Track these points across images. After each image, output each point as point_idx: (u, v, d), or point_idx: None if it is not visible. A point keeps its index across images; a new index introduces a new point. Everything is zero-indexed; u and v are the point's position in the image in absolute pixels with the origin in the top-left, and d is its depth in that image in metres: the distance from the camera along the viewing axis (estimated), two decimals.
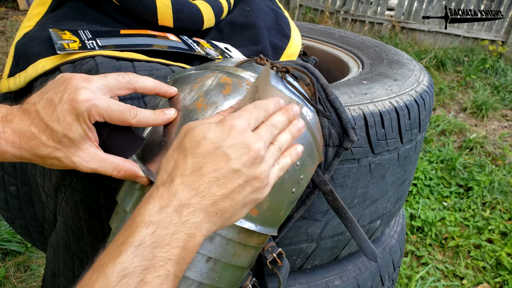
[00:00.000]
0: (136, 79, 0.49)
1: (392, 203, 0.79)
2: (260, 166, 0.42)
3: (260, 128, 0.43)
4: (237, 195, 0.41)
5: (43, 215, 0.86)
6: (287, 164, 0.47)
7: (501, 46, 4.10)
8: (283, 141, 0.46)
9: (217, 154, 0.40)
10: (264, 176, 0.42)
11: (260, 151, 0.41)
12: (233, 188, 0.40)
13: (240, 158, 0.40)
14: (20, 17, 4.49)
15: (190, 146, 0.40)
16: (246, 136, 0.41)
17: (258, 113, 0.44)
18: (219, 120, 0.42)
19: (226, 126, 0.41)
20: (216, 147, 0.40)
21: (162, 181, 0.40)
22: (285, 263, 0.56)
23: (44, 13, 0.76)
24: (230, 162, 0.40)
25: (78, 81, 0.46)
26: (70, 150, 0.46)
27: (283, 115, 0.46)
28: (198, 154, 0.40)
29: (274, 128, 0.44)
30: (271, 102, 0.45)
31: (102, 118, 0.46)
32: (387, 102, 0.67)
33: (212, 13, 0.80)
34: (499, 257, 1.74)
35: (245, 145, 0.41)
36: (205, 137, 0.40)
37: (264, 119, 0.44)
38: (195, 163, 0.40)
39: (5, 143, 0.44)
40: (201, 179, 0.39)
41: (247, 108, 0.43)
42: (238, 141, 0.41)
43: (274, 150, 0.44)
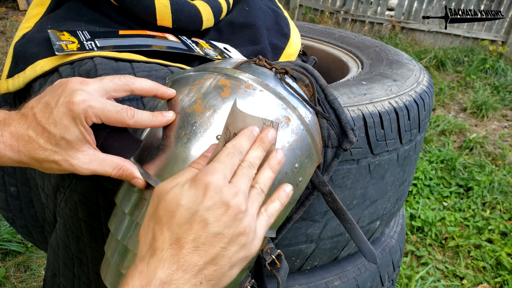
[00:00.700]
0: (133, 81, 0.49)
1: (392, 204, 0.79)
2: (242, 221, 0.39)
3: (237, 175, 0.41)
4: (221, 259, 0.39)
5: (43, 216, 0.86)
6: (276, 209, 0.45)
7: (501, 46, 4.10)
8: (265, 181, 0.44)
9: (194, 221, 0.38)
10: (248, 229, 0.40)
11: (240, 206, 0.39)
12: (216, 253, 0.38)
13: (219, 220, 0.38)
14: (20, 17, 4.49)
15: (165, 216, 0.39)
16: (223, 193, 0.39)
17: (232, 159, 0.41)
18: (192, 178, 0.40)
19: (200, 187, 0.39)
20: (192, 214, 0.38)
21: (141, 257, 0.39)
22: (284, 264, 0.56)
23: (43, 14, 0.75)
24: (209, 227, 0.38)
25: (75, 84, 0.46)
26: (68, 153, 0.46)
27: (257, 148, 0.44)
28: (174, 224, 0.38)
29: (250, 168, 0.42)
30: (244, 138, 0.43)
31: (99, 119, 0.46)
32: (387, 102, 0.67)
33: (211, 13, 0.80)
34: (499, 257, 1.74)
35: (222, 204, 0.39)
36: (178, 205, 0.38)
37: (240, 162, 0.42)
38: (172, 234, 0.38)
39: (3, 146, 0.44)
40: (181, 251, 0.37)
41: (220, 158, 0.41)
42: (214, 202, 0.38)
43: (256, 194, 0.42)
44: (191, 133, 0.47)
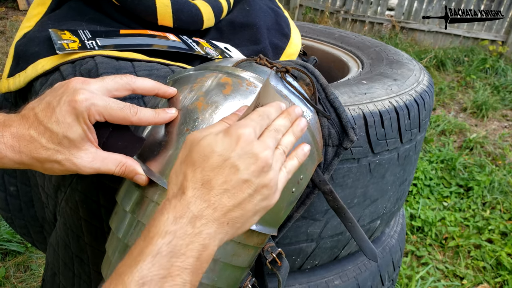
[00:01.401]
0: (134, 80, 0.49)
1: (392, 203, 0.79)
2: (268, 174, 0.42)
3: (264, 135, 0.44)
4: (247, 204, 0.41)
5: (43, 215, 0.86)
6: (294, 166, 0.47)
7: (501, 46, 4.10)
8: (287, 144, 0.47)
9: (226, 166, 0.41)
10: (273, 183, 0.43)
11: (268, 160, 0.42)
12: (243, 198, 0.41)
13: (249, 168, 0.41)
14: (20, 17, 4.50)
15: (199, 160, 0.41)
16: (253, 146, 0.42)
17: (262, 121, 0.44)
18: (225, 129, 0.43)
19: (233, 137, 0.42)
20: (224, 159, 0.41)
21: (173, 194, 0.41)
22: (284, 263, 0.56)
23: (44, 13, 0.76)
24: (239, 173, 0.41)
25: (76, 83, 0.46)
26: (71, 152, 0.45)
27: (284, 118, 0.47)
28: (207, 167, 0.41)
29: (277, 133, 0.45)
30: (273, 108, 0.46)
31: (102, 117, 0.46)
32: (387, 102, 0.67)
33: (212, 13, 0.80)
34: (499, 257, 1.74)
35: (253, 155, 0.41)
36: (213, 151, 0.41)
37: (267, 126, 0.45)
38: (204, 176, 0.41)
39: (4, 147, 0.44)
40: (212, 191, 0.40)
41: (252, 117, 0.44)
42: (245, 151, 0.41)
43: (279, 154, 0.45)
44: (193, 128, 0.47)
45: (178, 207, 0.39)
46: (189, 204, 0.39)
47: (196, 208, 0.39)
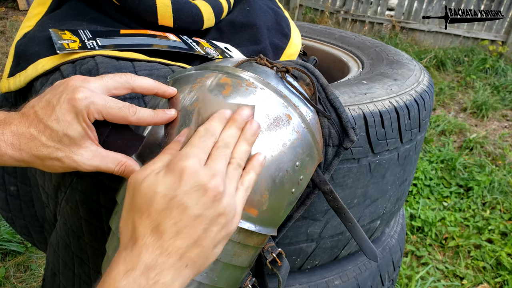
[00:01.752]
0: (134, 79, 0.49)
1: (392, 203, 0.79)
2: (221, 201, 0.40)
3: (212, 157, 0.41)
4: (204, 241, 0.39)
5: (43, 215, 0.86)
6: (251, 180, 0.44)
7: (501, 46, 4.10)
8: (240, 155, 0.44)
9: (173, 207, 0.38)
10: (228, 209, 0.40)
11: (218, 187, 0.39)
12: (199, 235, 0.39)
13: (198, 202, 0.38)
14: (20, 17, 4.50)
15: (143, 205, 0.39)
16: (199, 177, 0.39)
17: (206, 141, 0.42)
18: (166, 165, 0.40)
19: (176, 172, 0.39)
20: (170, 199, 0.38)
21: (124, 246, 0.39)
22: (284, 263, 0.56)
23: (44, 13, 0.76)
24: (189, 210, 0.38)
25: (76, 81, 0.46)
26: (71, 149, 0.46)
27: (231, 127, 0.44)
28: (153, 212, 0.38)
29: (226, 148, 0.42)
30: (215, 121, 0.44)
31: (101, 116, 0.46)
32: (387, 102, 0.67)
33: (212, 13, 0.80)
34: (499, 257, 1.74)
35: (201, 187, 0.39)
36: (155, 193, 0.38)
37: (213, 144, 0.42)
38: (152, 221, 0.38)
39: (5, 145, 0.44)
40: (163, 236, 0.38)
41: (193, 142, 0.41)
42: (191, 186, 0.38)
43: (232, 171, 0.42)
44: None
45: (129, 258, 0.37)
46: (140, 254, 0.37)
47: (148, 257, 0.37)
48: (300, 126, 0.50)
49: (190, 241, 0.38)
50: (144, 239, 0.38)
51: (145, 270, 0.36)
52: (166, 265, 0.37)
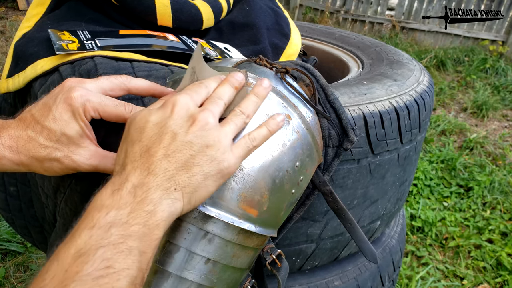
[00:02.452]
0: (129, 80, 0.49)
1: (392, 204, 0.79)
2: (210, 132, 0.41)
3: (204, 104, 0.43)
4: (192, 167, 0.39)
5: (43, 215, 0.86)
6: (261, 134, 0.45)
7: (502, 46, 4.10)
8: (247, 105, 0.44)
9: (163, 133, 0.39)
10: (218, 143, 0.41)
11: (207, 118, 0.41)
12: (186, 160, 0.39)
13: (188, 130, 0.40)
14: (20, 17, 4.49)
15: (135, 134, 0.40)
16: (190, 109, 0.41)
17: (199, 89, 0.43)
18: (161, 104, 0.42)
19: (168, 105, 0.41)
20: (160, 127, 0.40)
21: (115, 173, 0.40)
22: (284, 264, 0.56)
23: (43, 13, 0.75)
24: (178, 136, 0.39)
25: (72, 82, 0.47)
26: (70, 149, 0.46)
27: (224, 85, 0.45)
28: (144, 138, 0.40)
29: (220, 99, 0.43)
30: (211, 80, 0.45)
31: (97, 114, 0.46)
32: (387, 102, 0.67)
33: (212, 13, 0.80)
34: (499, 257, 1.74)
35: (190, 116, 0.40)
36: (147, 121, 0.40)
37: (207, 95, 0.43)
38: (142, 146, 0.39)
39: (3, 148, 0.44)
40: (150, 158, 0.39)
41: (188, 87, 0.43)
42: (181, 115, 0.40)
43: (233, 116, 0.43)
44: None
45: (117, 181, 0.38)
46: (128, 175, 0.38)
47: (135, 178, 0.38)
48: (300, 127, 0.50)
49: (178, 164, 0.39)
50: (133, 163, 0.39)
51: (132, 189, 0.37)
52: (153, 184, 0.38)
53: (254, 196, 0.47)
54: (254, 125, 0.47)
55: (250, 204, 0.47)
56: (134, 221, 0.36)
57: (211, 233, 0.46)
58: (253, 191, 0.46)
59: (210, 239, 0.46)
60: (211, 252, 0.47)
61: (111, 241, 0.34)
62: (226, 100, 0.44)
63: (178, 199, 0.39)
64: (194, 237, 0.45)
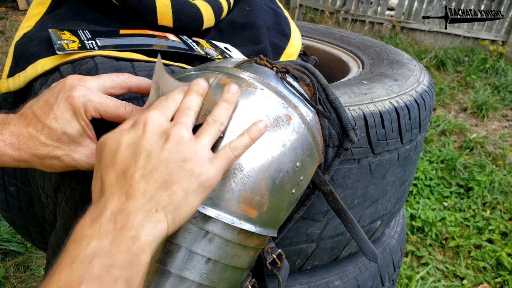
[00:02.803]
0: (131, 79, 0.49)
1: (392, 204, 0.79)
2: (186, 146, 0.39)
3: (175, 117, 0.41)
4: (172, 185, 0.38)
5: (43, 215, 0.86)
6: (243, 143, 0.43)
7: (502, 46, 4.10)
8: (219, 113, 0.43)
9: (137, 153, 0.38)
10: (195, 157, 0.39)
11: (181, 132, 0.39)
12: (164, 178, 0.38)
13: (162, 148, 0.38)
14: (20, 17, 4.49)
15: (109, 158, 0.39)
16: (162, 125, 0.40)
17: (167, 103, 0.42)
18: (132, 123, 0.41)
19: (139, 124, 0.39)
20: (134, 147, 0.38)
21: (93, 201, 0.39)
22: (284, 264, 0.56)
23: (44, 13, 0.75)
24: (153, 154, 0.38)
25: (73, 80, 0.46)
26: (70, 147, 0.46)
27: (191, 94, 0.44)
28: (118, 162, 0.38)
29: (188, 109, 0.42)
30: (176, 92, 0.44)
31: (98, 114, 0.46)
32: (387, 102, 0.67)
33: (212, 13, 0.80)
34: (499, 257, 1.74)
35: (164, 133, 0.39)
36: (120, 143, 0.39)
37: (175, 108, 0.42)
38: (117, 170, 0.38)
39: (4, 145, 0.44)
40: (128, 182, 0.37)
41: (156, 103, 0.42)
42: (154, 133, 0.39)
43: (206, 126, 0.42)
44: None
45: (96, 209, 0.37)
46: (106, 203, 0.36)
47: (114, 204, 0.36)
48: (300, 127, 0.50)
49: (157, 184, 0.37)
50: (111, 189, 0.37)
51: (112, 216, 0.35)
52: (133, 208, 0.36)
53: (254, 197, 0.47)
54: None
55: (250, 204, 0.47)
56: (118, 249, 0.34)
57: (212, 233, 0.46)
58: (253, 192, 0.46)
59: (211, 239, 0.46)
60: (212, 251, 0.47)
61: (94, 273, 0.33)
62: (195, 109, 0.43)
63: (161, 220, 0.37)
64: (194, 237, 0.45)
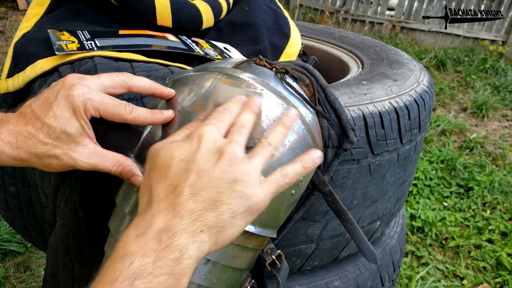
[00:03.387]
0: (131, 78, 0.49)
1: (392, 204, 0.79)
2: (239, 167, 0.38)
3: (230, 133, 0.41)
4: (220, 206, 0.37)
5: (43, 216, 0.86)
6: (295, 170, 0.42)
7: (502, 46, 4.10)
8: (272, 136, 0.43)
9: (189, 169, 0.37)
10: (246, 177, 0.39)
11: (235, 151, 0.39)
12: (213, 198, 0.37)
13: (215, 166, 0.38)
14: (20, 17, 4.49)
15: (161, 170, 0.38)
16: (217, 141, 0.39)
17: (224, 116, 0.42)
18: (186, 135, 0.40)
19: (194, 139, 0.39)
20: (187, 163, 0.38)
21: (140, 212, 0.38)
22: (284, 265, 0.56)
23: (43, 14, 0.75)
24: (204, 173, 0.37)
25: (73, 79, 0.46)
26: (69, 146, 0.46)
27: (247, 111, 0.43)
28: (170, 175, 0.38)
29: (243, 128, 0.42)
30: (232, 103, 0.44)
31: (97, 113, 0.46)
32: (387, 102, 0.67)
33: (211, 13, 0.80)
34: (499, 257, 1.74)
35: (217, 150, 0.38)
36: (173, 157, 0.38)
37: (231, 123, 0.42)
38: (168, 184, 0.37)
39: (2, 143, 0.44)
40: (177, 199, 0.36)
41: (212, 116, 0.42)
42: (209, 149, 0.38)
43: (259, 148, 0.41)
44: None
45: (141, 224, 0.36)
46: (152, 218, 0.36)
47: (161, 221, 0.35)
48: (299, 127, 0.50)
49: (205, 204, 0.37)
50: (159, 204, 0.37)
51: (157, 234, 0.35)
52: (178, 228, 0.35)
53: None
54: None
55: None
56: (160, 271, 0.34)
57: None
58: None
59: None
60: None
61: None
62: (250, 129, 0.42)
63: (205, 241, 0.36)
64: None
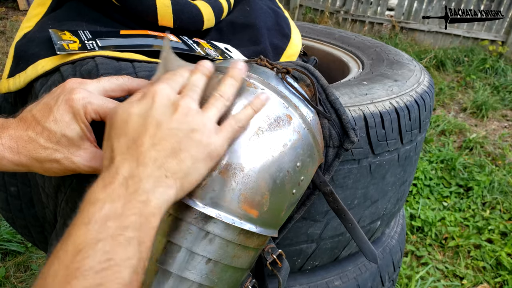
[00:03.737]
0: (131, 81, 0.49)
1: (393, 204, 0.79)
2: (194, 118, 0.42)
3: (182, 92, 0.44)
4: (180, 153, 0.40)
5: (44, 215, 0.86)
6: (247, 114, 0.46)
7: (501, 46, 4.10)
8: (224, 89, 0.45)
9: (147, 123, 0.40)
10: (203, 127, 0.42)
11: (189, 104, 0.42)
12: (173, 147, 0.40)
13: (171, 118, 0.41)
14: (20, 17, 4.49)
15: (120, 128, 0.41)
16: (171, 97, 0.42)
17: (174, 77, 0.44)
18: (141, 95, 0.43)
19: (149, 96, 0.41)
20: (144, 118, 0.40)
21: (104, 167, 0.40)
22: (285, 264, 0.56)
23: (44, 13, 0.75)
24: (163, 124, 0.40)
25: (73, 83, 0.47)
26: (70, 150, 0.46)
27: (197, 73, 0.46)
28: (129, 131, 0.40)
29: (195, 86, 0.44)
30: (183, 69, 0.46)
31: (98, 116, 0.46)
32: (388, 102, 0.67)
33: (212, 14, 0.80)
34: (499, 257, 1.74)
35: (172, 104, 0.41)
36: (130, 113, 0.41)
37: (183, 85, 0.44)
38: (129, 139, 0.40)
39: (2, 148, 0.44)
40: (138, 149, 0.39)
41: (164, 77, 0.44)
42: (164, 103, 0.41)
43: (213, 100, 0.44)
44: None
45: (107, 175, 0.38)
46: (118, 168, 0.38)
47: (126, 170, 0.38)
48: (300, 127, 0.50)
49: (166, 152, 0.40)
50: (121, 156, 0.39)
51: (124, 181, 0.38)
52: (144, 174, 0.38)
53: (255, 197, 0.47)
54: (253, 127, 0.47)
55: (251, 204, 0.47)
56: (130, 212, 0.36)
57: (212, 234, 0.46)
58: (254, 192, 0.46)
59: (211, 239, 0.46)
60: (212, 252, 0.47)
61: (109, 233, 0.35)
62: (201, 88, 0.45)
63: (171, 186, 0.39)
64: (195, 237, 0.45)
